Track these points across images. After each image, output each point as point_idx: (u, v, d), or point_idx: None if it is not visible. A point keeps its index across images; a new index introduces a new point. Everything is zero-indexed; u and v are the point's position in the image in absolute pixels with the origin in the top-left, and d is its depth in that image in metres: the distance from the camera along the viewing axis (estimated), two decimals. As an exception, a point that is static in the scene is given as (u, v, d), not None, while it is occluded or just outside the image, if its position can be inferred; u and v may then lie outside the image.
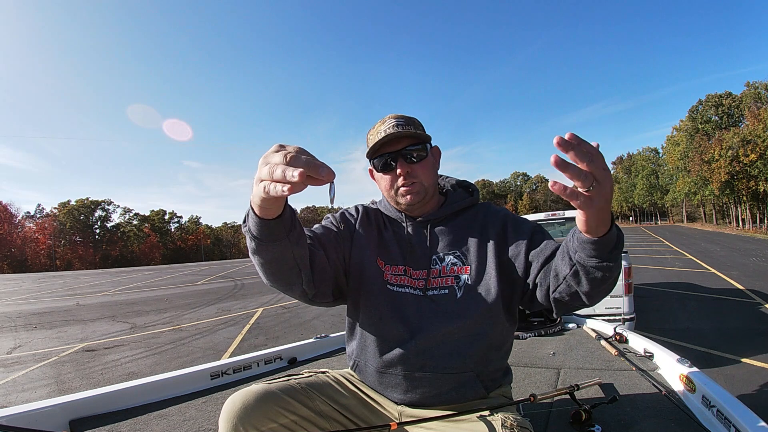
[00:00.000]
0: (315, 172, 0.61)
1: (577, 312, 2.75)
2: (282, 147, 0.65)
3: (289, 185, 0.61)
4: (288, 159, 0.62)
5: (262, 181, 0.65)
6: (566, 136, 0.60)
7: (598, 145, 0.64)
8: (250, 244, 0.82)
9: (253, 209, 0.76)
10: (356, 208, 1.17)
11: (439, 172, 1.16)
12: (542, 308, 0.96)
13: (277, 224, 0.77)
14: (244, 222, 0.81)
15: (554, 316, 0.88)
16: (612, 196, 0.67)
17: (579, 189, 0.63)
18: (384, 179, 1.05)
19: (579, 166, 0.61)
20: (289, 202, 0.80)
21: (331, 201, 0.73)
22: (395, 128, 1.00)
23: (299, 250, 0.85)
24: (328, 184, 0.65)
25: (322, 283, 0.96)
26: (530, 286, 0.96)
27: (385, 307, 1.01)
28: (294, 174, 0.60)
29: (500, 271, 0.99)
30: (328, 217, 1.14)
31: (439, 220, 1.08)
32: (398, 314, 1.00)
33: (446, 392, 0.97)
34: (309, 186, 0.64)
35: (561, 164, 0.60)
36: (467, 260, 1.02)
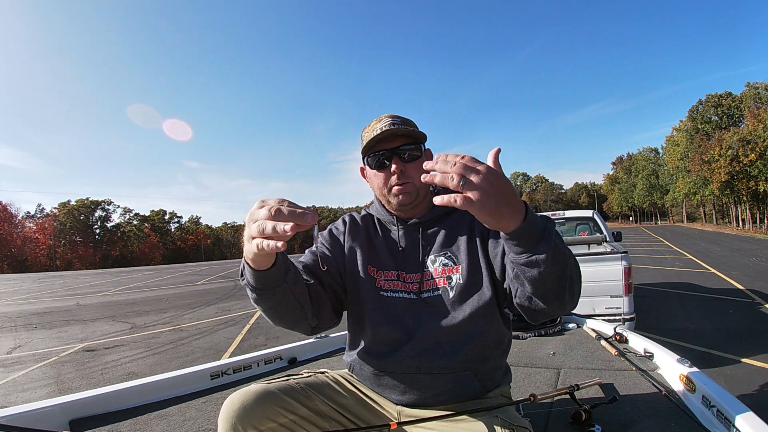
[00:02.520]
0: (301, 221, 0.66)
1: (576, 312, 2.75)
2: (264, 202, 0.69)
3: (282, 241, 0.66)
4: (273, 213, 0.66)
5: (253, 238, 0.69)
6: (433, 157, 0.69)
7: (497, 151, 0.72)
8: (251, 295, 0.85)
9: (248, 263, 0.80)
10: (343, 220, 1.18)
11: None
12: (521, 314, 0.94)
13: (274, 272, 0.81)
14: (242, 275, 0.84)
15: (529, 321, 0.88)
16: (502, 191, 0.68)
17: (452, 189, 0.67)
18: (377, 177, 1.05)
19: (445, 171, 0.66)
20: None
21: (315, 241, 0.79)
22: (391, 126, 1.00)
23: (298, 289, 0.89)
24: (313, 227, 0.70)
25: (322, 311, 0.99)
26: (508, 290, 0.94)
27: (380, 314, 1.02)
28: (286, 228, 0.64)
29: (490, 269, 0.99)
30: (318, 237, 1.14)
31: (430, 222, 1.08)
32: (393, 320, 1.01)
33: (444, 392, 0.97)
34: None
35: (428, 181, 0.68)
36: (458, 260, 1.02)
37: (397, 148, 1.01)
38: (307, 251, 1.09)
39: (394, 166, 1.01)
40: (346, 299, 1.08)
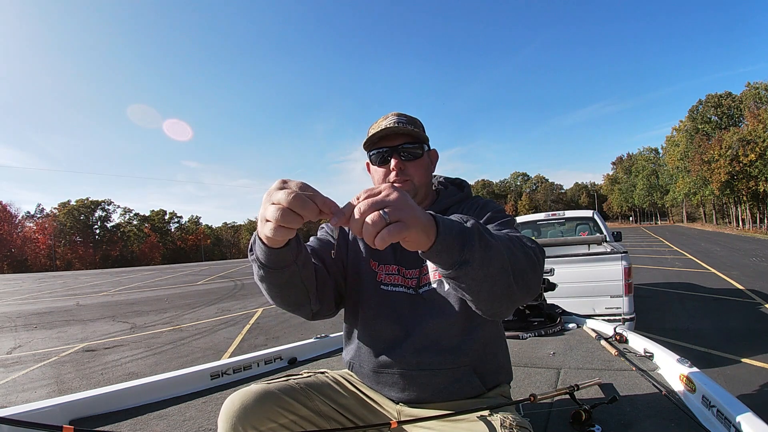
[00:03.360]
0: (313, 216, 0.64)
1: (576, 312, 2.75)
2: (286, 184, 0.65)
3: (293, 229, 0.64)
4: (292, 201, 0.62)
5: (267, 221, 0.66)
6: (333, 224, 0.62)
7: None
8: (258, 272, 0.83)
9: (260, 239, 0.76)
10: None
11: (435, 173, 1.18)
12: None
13: (286, 251, 0.78)
14: (251, 250, 0.82)
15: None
16: (410, 203, 0.61)
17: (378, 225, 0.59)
18: (377, 173, 1.07)
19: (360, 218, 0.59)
20: None
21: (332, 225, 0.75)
22: (395, 124, 1.02)
23: (306, 272, 0.87)
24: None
25: (325, 296, 0.98)
26: None
27: (379, 308, 1.02)
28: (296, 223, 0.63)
29: None
30: (323, 227, 1.15)
31: None
32: (392, 314, 1.01)
33: (444, 388, 0.97)
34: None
35: (363, 237, 0.60)
36: None
37: (398, 146, 1.03)
38: (312, 238, 1.09)
39: (393, 163, 1.03)
40: (346, 290, 1.08)
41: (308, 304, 0.93)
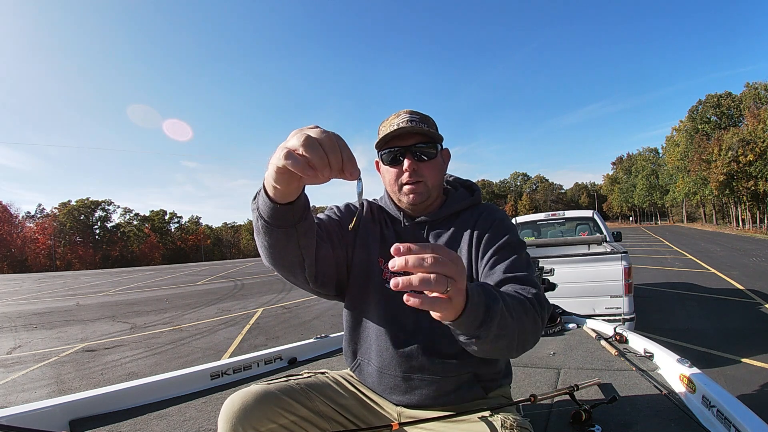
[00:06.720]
0: (350, 166, 0.62)
1: (577, 312, 2.75)
2: (324, 132, 0.62)
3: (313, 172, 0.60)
4: (325, 139, 0.60)
5: (286, 151, 0.60)
6: (393, 251, 0.56)
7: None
8: (255, 224, 0.80)
9: (265, 189, 0.73)
10: (360, 202, 1.15)
11: None
12: None
13: (288, 210, 0.75)
14: (254, 199, 0.79)
15: None
16: (463, 295, 0.61)
17: (435, 295, 0.57)
18: (389, 172, 1.03)
19: (422, 273, 0.55)
20: (305, 192, 0.78)
21: (359, 198, 0.72)
22: (408, 123, 0.98)
23: (305, 241, 0.83)
24: (356, 181, 0.65)
25: (326, 276, 0.95)
26: None
27: (384, 307, 1.01)
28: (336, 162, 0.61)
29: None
30: (332, 209, 1.10)
31: (438, 221, 1.07)
32: (397, 315, 1.00)
33: (445, 394, 0.97)
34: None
35: (405, 284, 0.55)
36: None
37: (411, 145, 0.99)
38: (321, 214, 1.06)
39: (406, 164, 0.99)
40: (348, 283, 1.05)
41: (302, 273, 0.88)
